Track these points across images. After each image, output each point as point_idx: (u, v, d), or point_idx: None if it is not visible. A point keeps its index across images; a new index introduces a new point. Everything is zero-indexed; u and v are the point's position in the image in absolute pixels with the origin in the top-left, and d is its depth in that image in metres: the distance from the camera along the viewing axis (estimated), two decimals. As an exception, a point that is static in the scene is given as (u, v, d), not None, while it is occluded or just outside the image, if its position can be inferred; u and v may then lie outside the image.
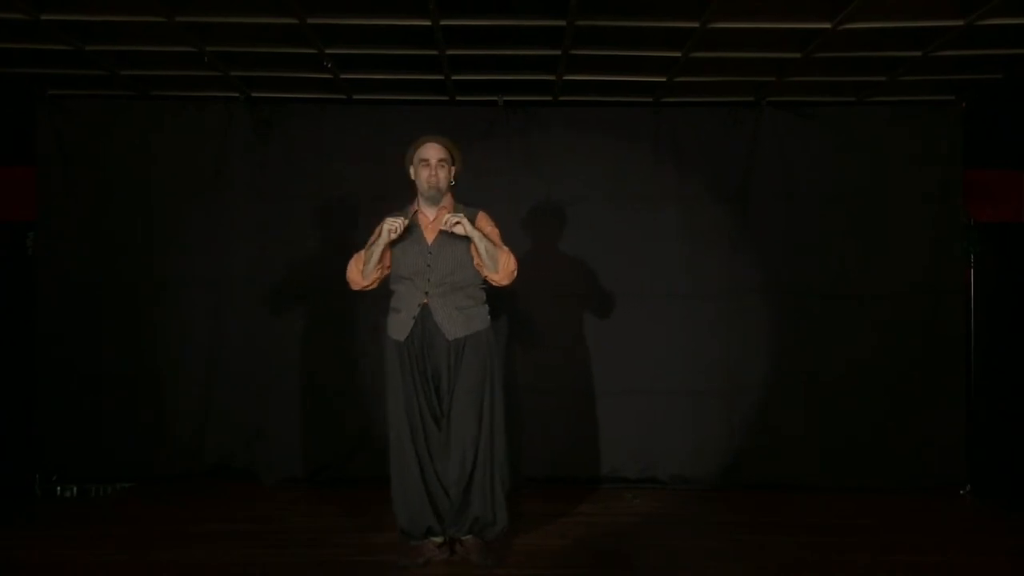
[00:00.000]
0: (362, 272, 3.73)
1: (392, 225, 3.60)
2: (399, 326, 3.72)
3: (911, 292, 5.12)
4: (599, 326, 5.19)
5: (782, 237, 5.17)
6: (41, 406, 5.10)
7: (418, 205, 3.80)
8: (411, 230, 3.74)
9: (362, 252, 3.76)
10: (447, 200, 3.79)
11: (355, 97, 5.15)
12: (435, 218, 3.75)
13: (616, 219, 5.18)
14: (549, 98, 5.15)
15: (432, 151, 3.72)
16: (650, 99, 5.14)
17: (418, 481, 3.67)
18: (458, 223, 3.56)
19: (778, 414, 5.13)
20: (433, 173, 3.70)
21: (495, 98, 5.14)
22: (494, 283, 3.74)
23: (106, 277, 5.13)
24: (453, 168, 3.78)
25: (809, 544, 3.99)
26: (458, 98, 5.15)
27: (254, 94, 5.14)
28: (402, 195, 5.05)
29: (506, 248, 3.72)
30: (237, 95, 5.14)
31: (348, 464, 5.14)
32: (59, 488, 5.08)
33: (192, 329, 5.16)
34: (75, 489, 5.08)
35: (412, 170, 3.79)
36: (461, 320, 3.70)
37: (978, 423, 5.19)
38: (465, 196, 3.95)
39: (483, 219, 3.78)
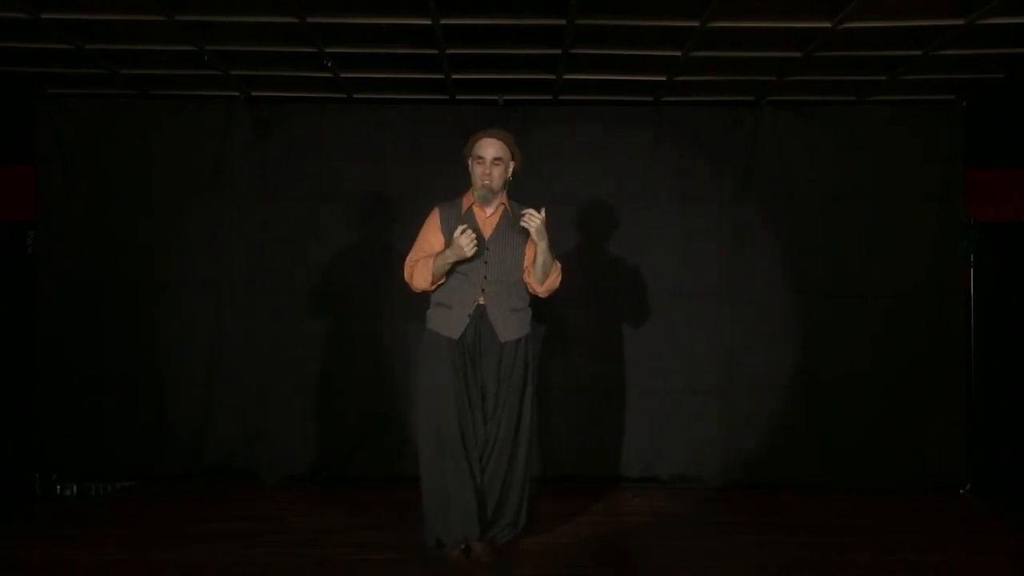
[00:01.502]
0: (431, 282, 3.65)
1: (469, 246, 3.46)
2: (452, 323, 3.64)
3: (911, 292, 5.12)
4: (599, 326, 5.19)
5: (782, 237, 5.17)
6: (41, 406, 5.10)
7: (474, 198, 3.72)
8: (467, 221, 3.65)
9: (421, 258, 3.67)
10: (504, 196, 3.75)
11: (355, 96, 5.15)
12: (492, 212, 3.72)
13: (616, 218, 5.18)
14: (549, 97, 5.15)
15: (488, 148, 3.64)
16: (650, 98, 5.14)
17: (469, 488, 3.58)
18: (534, 218, 3.48)
19: (778, 414, 5.13)
20: (487, 172, 3.63)
21: (495, 97, 5.14)
22: (531, 291, 3.75)
23: (106, 277, 5.13)
24: (512, 164, 3.71)
25: (809, 544, 3.98)
26: (458, 97, 5.15)
27: (254, 93, 5.14)
28: (402, 194, 5.09)
29: (558, 263, 3.71)
30: (237, 94, 5.14)
31: (348, 464, 5.14)
32: (59, 487, 5.08)
33: (192, 329, 5.16)
34: (75, 488, 5.08)
35: (469, 163, 3.71)
36: (514, 322, 3.68)
37: (978, 423, 5.19)
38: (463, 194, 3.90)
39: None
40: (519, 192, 4.94)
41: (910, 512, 4.63)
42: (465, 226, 3.52)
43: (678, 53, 4.36)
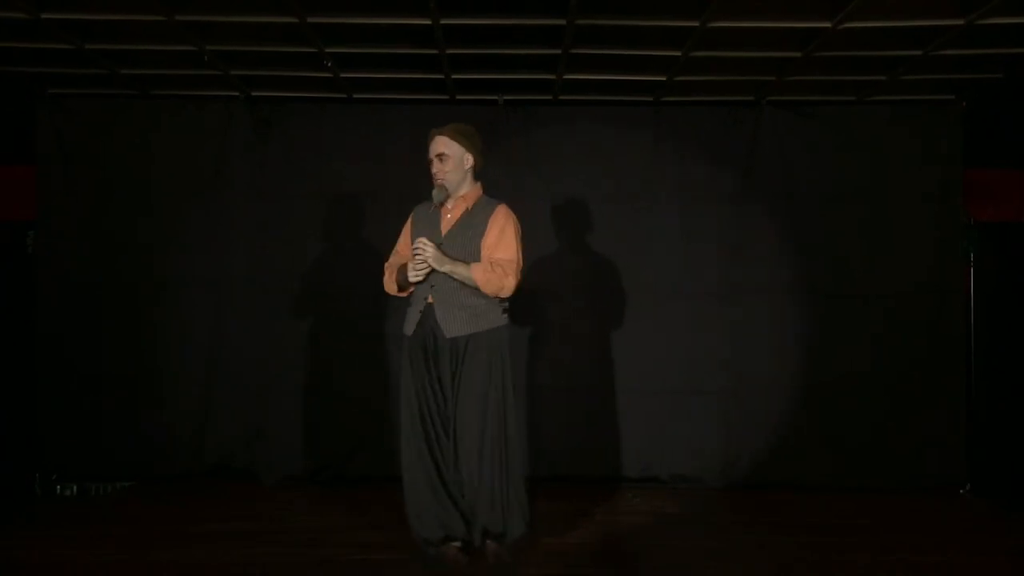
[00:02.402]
0: (396, 290, 3.68)
1: (413, 274, 3.49)
2: (408, 320, 3.64)
3: (911, 292, 5.12)
4: (598, 326, 5.18)
5: (782, 237, 5.17)
6: (41, 406, 5.10)
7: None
8: (431, 218, 3.67)
9: (393, 264, 3.70)
10: (473, 190, 3.70)
11: (355, 96, 5.16)
12: (453, 208, 3.67)
13: (616, 218, 5.18)
14: (549, 97, 5.15)
15: (432, 147, 3.65)
16: (650, 98, 5.14)
17: (439, 484, 3.56)
18: (422, 255, 3.45)
19: (778, 414, 5.13)
20: (434, 171, 3.64)
21: (495, 97, 5.14)
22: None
23: (106, 277, 5.13)
24: (468, 156, 3.64)
25: (809, 544, 3.98)
26: (458, 97, 5.16)
27: (254, 93, 5.14)
28: (402, 194, 5.08)
29: (483, 267, 3.51)
30: (237, 94, 5.14)
31: (348, 464, 5.14)
32: (59, 487, 5.08)
33: (192, 329, 5.16)
34: (75, 488, 5.08)
35: None
36: (463, 318, 3.55)
37: (978, 423, 5.18)
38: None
39: (499, 214, 3.63)
40: (518, 192, 4.99)
41: (910, 512, 4.63)
42: (419, 247, 3.48)
43: (678, 53, 4.36)
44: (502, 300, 3.65)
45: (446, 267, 3.49)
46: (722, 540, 4.11)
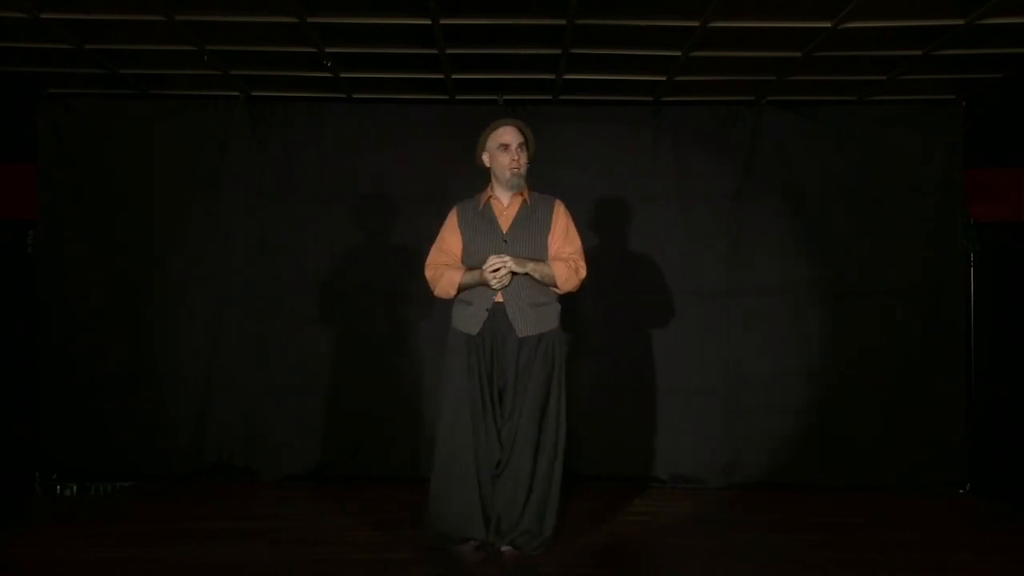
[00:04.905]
0: (454, 295, 3.62)
1: (497, 281, 3.45)
2: (470, 319, 3.58)
3: (911, 291, 5.12)
4: (598, 326, 5.19)
5: (782, 237, 5.18)
6: (42, 405, 5.10)
7: (492, 191, 3.68)
8: (486, 215, 3.64)
9: (447, 265, 3.63)
10: (526, 186, 3.69)
11: (355, 96, 5.16)
12: (509, 204, 3.66)
13: (615, 218, 5.18)
14: (549, 97, 5.16)
15: (511, 135, 3.61)
16: (650, 98, 5.15)
17: (474, 485, 3.53)
18: (497, 273, 3.43)
19: (779, 414, 5.13)
20: (515, 158, 3.59)
21: (495, 97, 5.15)
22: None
23: (106, 277, 5.13)
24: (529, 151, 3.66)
25: (809, 544, 3.98)
26: (458, 97, 5.16)
27: (254, 93, 5.14)
28: (402, 194, 5.11)
29: (564, 264, 3.56)
30: (237, 94, 5.14)
31: (348, 464, 5.14)
32: (59, 486, 5.08)
33: (192, 329, 5.16)
34: (75, 487, 5.08)
35: (487, 157, 3.66)
36: (534, 317, 3.55)
37: (978, 423, 5.18)
38: (462, 194, 3.87)
39: (560, 210, 3.65)
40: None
41: (910, 512, 4.63)
42: (497, 265, 3.44)
43: (678, 53, 4.36)
44: (560, 299, 3.68)
45: (528, 267, 3.50)
46: (722, 540, 4.10)
